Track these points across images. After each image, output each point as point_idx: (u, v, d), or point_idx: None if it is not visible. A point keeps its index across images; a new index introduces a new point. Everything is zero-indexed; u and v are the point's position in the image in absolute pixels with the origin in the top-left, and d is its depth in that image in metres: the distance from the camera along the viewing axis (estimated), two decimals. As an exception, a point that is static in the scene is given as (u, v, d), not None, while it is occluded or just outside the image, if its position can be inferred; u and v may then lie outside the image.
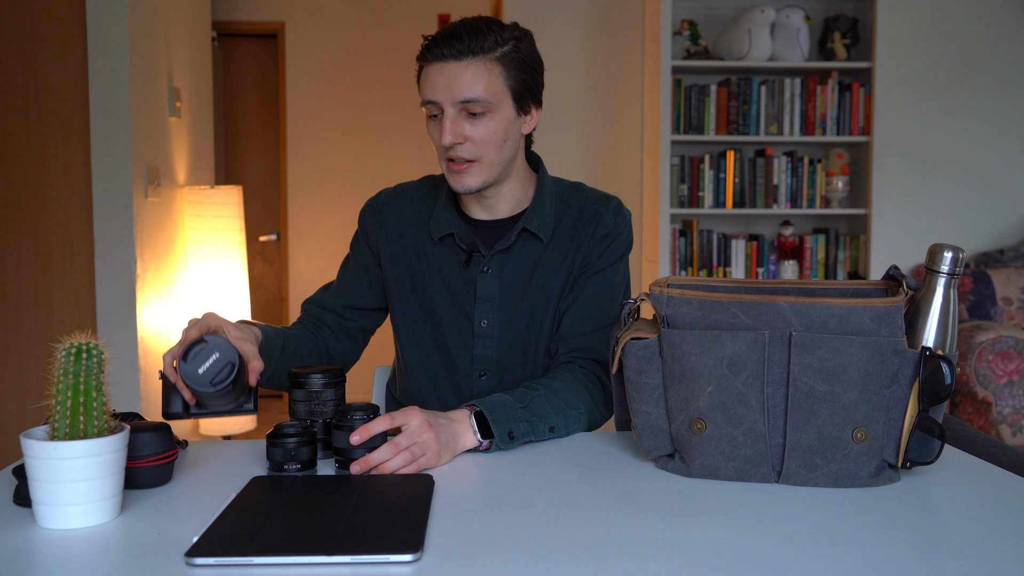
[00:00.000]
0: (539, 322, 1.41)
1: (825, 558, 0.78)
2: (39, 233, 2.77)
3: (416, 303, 1.44)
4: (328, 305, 1.49)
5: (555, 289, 1.40)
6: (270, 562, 0.77)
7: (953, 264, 1.01)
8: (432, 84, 1.28)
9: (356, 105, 4.94)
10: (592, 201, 1.42)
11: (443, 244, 1.41)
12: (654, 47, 3.56)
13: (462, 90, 1.27)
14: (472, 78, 1.27)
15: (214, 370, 0.98)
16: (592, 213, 1.41)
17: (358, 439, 1.03)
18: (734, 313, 1.00)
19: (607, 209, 1.41)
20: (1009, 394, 3.14)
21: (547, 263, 1.40)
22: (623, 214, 1.42)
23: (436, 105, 1.29)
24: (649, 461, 1.10)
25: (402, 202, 1.47)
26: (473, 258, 1.39)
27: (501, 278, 1.39)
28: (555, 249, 1.40)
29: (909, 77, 3.79)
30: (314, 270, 4.96)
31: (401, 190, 1.49)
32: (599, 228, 1.40)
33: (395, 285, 1.45)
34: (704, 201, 3.62)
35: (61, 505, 0.86)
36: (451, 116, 1.28)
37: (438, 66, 1.28)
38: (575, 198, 1.43)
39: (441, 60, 1.27)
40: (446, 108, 1.28)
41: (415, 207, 1.46)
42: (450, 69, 1.27)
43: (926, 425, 0.99)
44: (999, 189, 3.85)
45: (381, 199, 1.49)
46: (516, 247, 1.39)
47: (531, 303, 1.40)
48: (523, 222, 1.38)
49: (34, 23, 2.72)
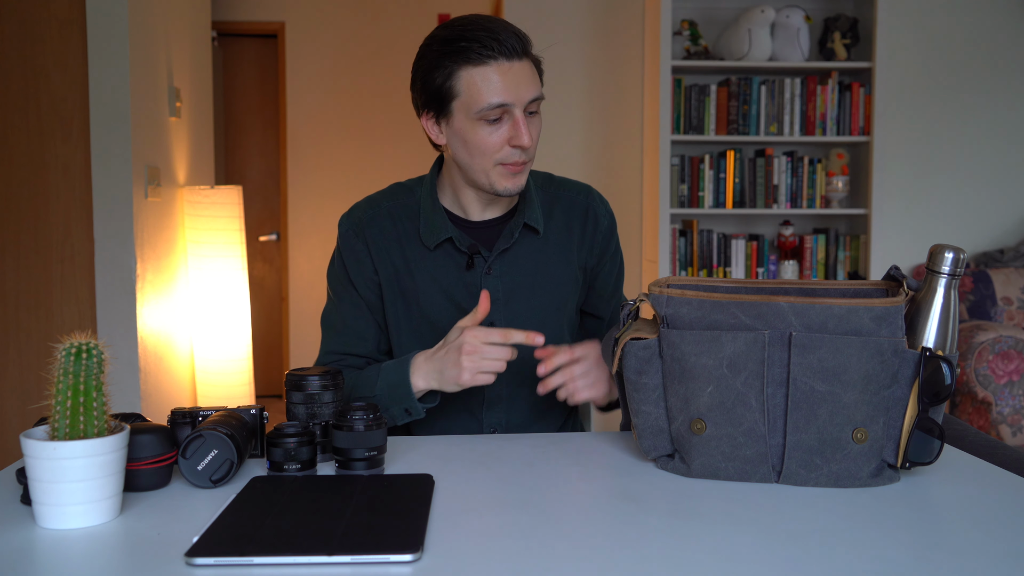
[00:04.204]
0: (549, 319, 1.40)
1: (825, 558, 0.78)
2: (39, 233, 2.77)
3: (414, 317, 1.39)
4: (357, 352, 1.42)
5: (562, 285, 1.40)
6: (270, 562, 0.77)
7: (954, 265, 1.01)
8: (499, 86, 1.23)
9: (356, 105, 4.94)
10: (575, 194, 1.45)
11: (438, 251, 1.37)
12: (654, 47, 3.56)
13: (531, 90, 1.25)
14: (533, 76, 1.27)
15: (213, 466, 0.99)
16: (584, 208, 1.44)
17: (543, 369, 1.22)
18: (734, 313, 1.00)
19: (593, 201, 1.45)
20: (1009, 394, 3.14)
21: (549, 258, 1.40)
22: (604, 201, 1.48)
23: (503, 108, 1.24)
24: (649, 461, 1.10)
25: (381, 217, 1.40)
26: (475, 260, 1.37)
27: (504, 277, 1.38)
28: (553, 244, 1.40)
29: (909, 77, 3.79)
30: (314, 270, 4.96)
31: (375, 203, 1.42)
32: (599, 224, 1.44)
33: (389, 303, 1.40)
34: (704, 201, 3.62)
35: (61, 505, 0.86)
36: (524, 117, 1.26)
37: (502, 66, 1.23)
38: (559, 192, 1.44)
39: (505, 59, 1.23)
40: (516, 110, 1.25)
41: (396, 219, 1.39)
42: (517, 69, 1.24)
43: (926, 425, 0.99)
44: (999, 189, 3.85)
45: (359, 217, 1.41)
46: (516, 244, 1.38)
47: (539, 300, 1.39)
48: (520, 217, 1.37)
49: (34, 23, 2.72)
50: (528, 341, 1.22)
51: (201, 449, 0.99)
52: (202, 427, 1.01)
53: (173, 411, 1.08)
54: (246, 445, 1.05)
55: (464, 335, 1.22)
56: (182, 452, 0.99)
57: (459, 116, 1.27)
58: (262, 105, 5.08)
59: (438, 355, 1.26)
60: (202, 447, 0.99)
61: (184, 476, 1.00)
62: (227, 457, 1.00)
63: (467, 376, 1.22)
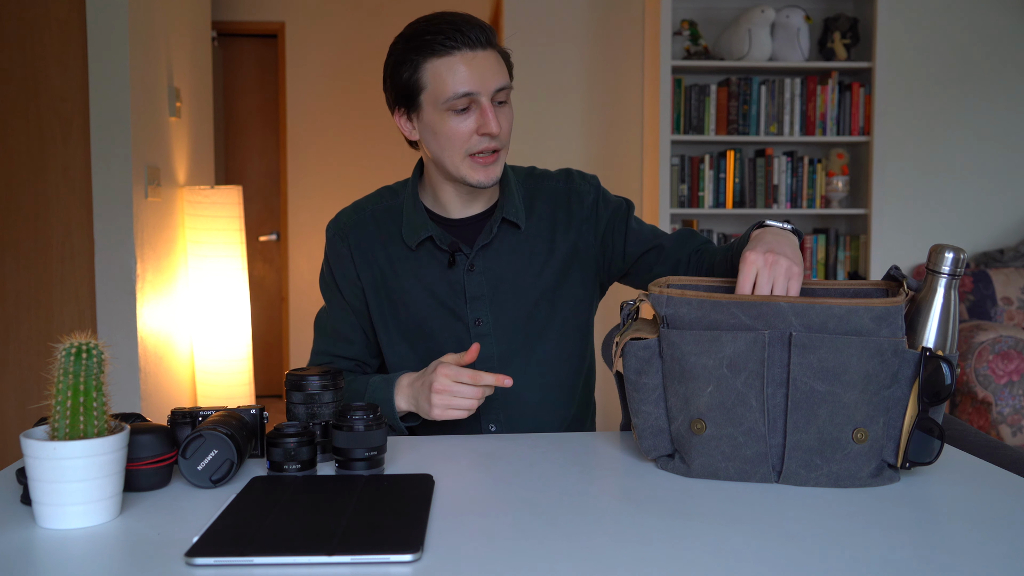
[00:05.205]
0: (539, 311, 1.40)
1: (825, 558, 0.78)
2: (39, 233, 2.77)
3: (401, 318, 1.40)
4: (344, 354, 1.44)
5: (550, 275, 1.40)
6: (270, 562, 0.77)
7: (954, 265, 1.01)
8: (464, 75, 1.25)
9: (356, 105, 4.94)
10: (556, 181, 1.44)
11: (420, 250, 1.38)
12: (654, 47, 3.56)
13: (497, 79, 1.27)
14: (499, 66, 1.28)
15: (213, 466, 0.99)
16: (566, 194, 1.43)
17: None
18: (734, 313, 1.00)
19: (572, 183, 1.43)
20: (1009, 394, 3.14)
21: (533, 251, 1.40)
22: (585, 177, 1.45)
23: (470, 97, 1.26)
24: (649, 461, 1.10)
25: (365, 221, 1.41)
26: (456, 258, 1.37)
27: (488, 273, 1.38)
28: (536, 236, 1.40)
29: (909, 77, 3.79)
30: (314, 270, 4.96)
31: (360, 208, 1.43)
32: (583, 201, 1.42)
33: (376, 308, 1.41)
34: (704, 201, 3.62)
35: (61, 505, 0.86)
36: (491, 105, 1.26)
37: (466, 55, 1.25)
38: (540, 184, 1.44)
39: (469, 48, 1.25)
40: (483, 99, 1.26)
41: (380, 222, 1.41)
42: (481, 58, 1.26)
43: (926, 425, 0.99)
44: (999, 189, 3.85)
45: (344, 222, 1.43)
46: (497, 239, 1.39)
47: (526, 293, 1.39)
48: (500, 212, 1.37)
49: (34, 23, 2.72)
50: (497, 383, 1.22)
51: (201, 449, 0.99)
52: (202, 427, 1.01)
53: (173, 411, 1.08)
54: (246, 445, 1.05)
55: (436, 373, 1.24)
56: (182, 452, 0.99)
57: (428, 109, 1.29)
58: (262, 105, 5.08)
59: (415, 385, 1.29)
60: (202, 447, 0.99)
61: (184, 476, 1.00)
62: (227, 457, 1.00)
63: (437, 412, 1.25)
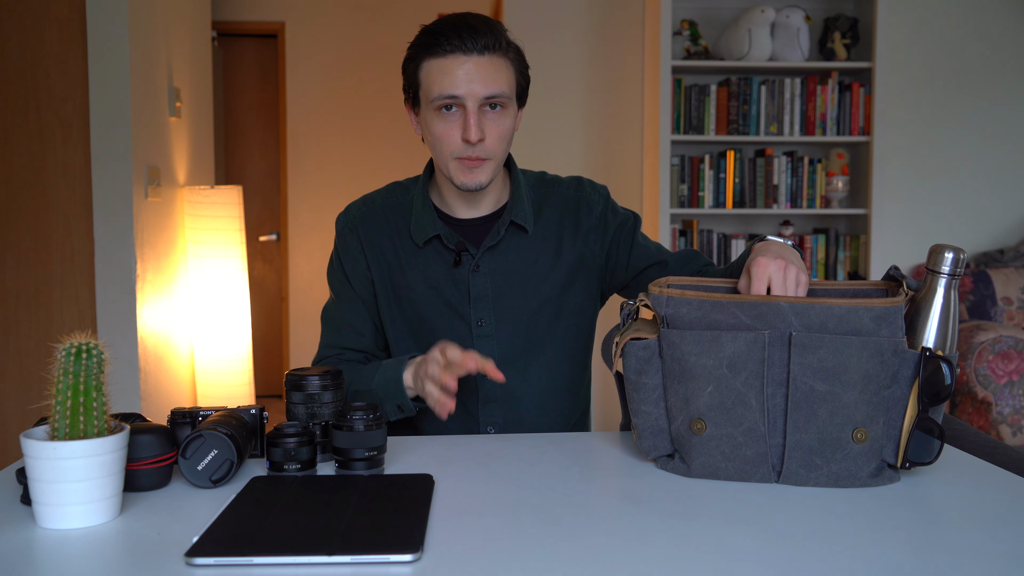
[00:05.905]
0: (543, 316, 1.40)
1: (825, 558, 0.78)
2: (39, 233, 2.77)
3: (407, 313, 1.41)
4: (354, 346, 1.44)
5: (555, 281, 1.40)
6: (270, 562, 0.77)
7: (954, 265, 1.01)
8: (453, 78, 1.25)
9: (356, 105, 4.94)
10: (566, 188, 1.45)
11: (428, 248, 1.39)
12: (654, 47, 3.56)
13: (489, 86, 1.26)
14: (496, 74, 1.27)
15: (213, 466, 0.99)
16: (575, 202, 1.43)
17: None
18: (734, 313, 1.00)
19: (583, 192, 1.44)
20: (1009, 394, 3.14)
21: (539, 255, 1.40)
22: (596, 186, 1.46)
23: (456, 100, 1.26)
24: (649, 461, 1.10)
25: (375, 214, 1.43)
26: (462, 257, 1.38)
27: (493, 275, 1.39)
28: (544, 241, 1.41)
29: (909, 77, 3.79)
30: (314, 270, 4.96)
31: (371, 202, 1.45)
32: (592, 210, 1.43)
33: (383, 300, 1.42)
34: (704, 201, 3.62)
35: (61, 505, 0.86)
36: (475, 112, 1.26)
37: (459, 59, 1.25)
38: (550, 190, 1.44)
39: (463, 53, 1.25)
40: (468, 103, 1.26)
41: (389, 216, 1.42)
42: (475, 63, 1.25)
43: (926, 425, 0.99)
44: (999, 189, 3.85)
45: (354, 215, 1.44)
46: (503, 241, 1.39)
47: (530, 297, 1.39)
48: (508, 215, 1.38)
49: (34, 23, 2.72)
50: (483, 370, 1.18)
51: (201, 449, 0.99)
52: (202, 427, 1.01)
53: (173, 411, 1.08)
54: (246, 445, 1.05)
55: (434, 348, 1.23)
56: (182, 452, 0.99)
57: (424, 106, 1.31)
58: (262, 105, 5.08)
59: (418, 359, 1.29)
60: (202, 447, 0.99)
61: (184, 476, 1.00)
62: (227, 457, 1.00)
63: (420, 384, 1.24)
